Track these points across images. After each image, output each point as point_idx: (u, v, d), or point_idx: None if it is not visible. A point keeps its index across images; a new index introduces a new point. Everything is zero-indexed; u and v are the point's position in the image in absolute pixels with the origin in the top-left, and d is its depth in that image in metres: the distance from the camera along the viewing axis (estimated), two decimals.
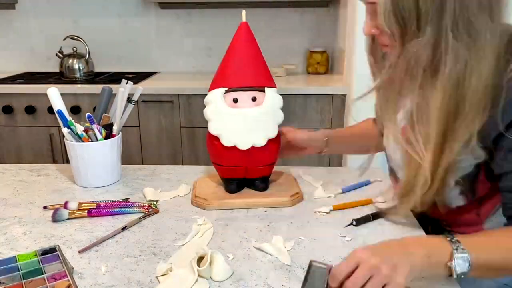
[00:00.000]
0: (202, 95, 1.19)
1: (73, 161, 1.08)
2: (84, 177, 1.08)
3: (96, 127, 1.05)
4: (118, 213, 0.94)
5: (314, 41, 2.58)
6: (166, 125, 2.27)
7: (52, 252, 0.77)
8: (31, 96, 2.24)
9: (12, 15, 2.65)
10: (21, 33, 2.68)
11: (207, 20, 2.61)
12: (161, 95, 2.22)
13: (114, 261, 0.77)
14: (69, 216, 0.92)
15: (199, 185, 1.05)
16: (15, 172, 1.18)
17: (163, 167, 1.21)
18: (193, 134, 2.27)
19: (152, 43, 2.66)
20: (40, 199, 1.01)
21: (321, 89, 2.17)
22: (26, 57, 2.71)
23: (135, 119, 2.25)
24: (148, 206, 0.95)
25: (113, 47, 2.66)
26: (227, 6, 2.51)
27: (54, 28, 2.62)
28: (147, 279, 0.71)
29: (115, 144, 1.09)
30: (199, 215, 0.93)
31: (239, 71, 0.94)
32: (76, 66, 2.44)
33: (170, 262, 0.75)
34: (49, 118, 2.26)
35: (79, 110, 2.24)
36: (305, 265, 0.73)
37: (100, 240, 0.83)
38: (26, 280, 0.69)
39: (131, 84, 1.09)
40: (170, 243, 0.82)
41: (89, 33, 2.58)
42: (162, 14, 2.61)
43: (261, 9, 2.54)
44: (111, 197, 1.02)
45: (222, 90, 0.94)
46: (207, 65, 2.61)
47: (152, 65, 2.69)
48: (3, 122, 2.29)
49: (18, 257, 0.75)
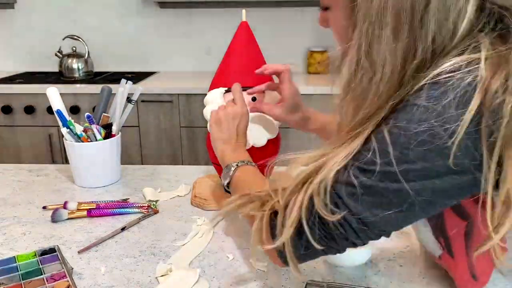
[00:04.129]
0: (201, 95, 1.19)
1: (72, 161, 1.07)
2: (84, 177, 1.08)
3: (95, 127, 1.05)
4: (117, 214, 0.93)
5: (314, 41, 2.58)
6: (165, 125, 2.27)
7: (52, 252, 0.77)
8: (30, 96, 2.23)
9: (11, 14, 2.65)
10: (20, 33, 2.68)
11: (207, 20, 2.61)
12: (160, 95, 2.22)
13: (113, 262, 0.76)
14: (69, 216, 0.92)
15: (198, 185, 1.04)
16: (14, 172, 1.18)
17: (162, 167, 1.21)
18: (193, 134, 2.27)
19: (152, 43, 2.66)
20: (40, 199, 1.01)
21: (321, 89, 2.17)
22: (25, 56, 2.70)
23: (135, 119, 2.25)
24: (148, 206, 0.95)
25: (113, 46, 2.66)
26: (227, 5, 2.51)
27: (53, 28, 2.62)
28: (147, 280, 0.71)
29: (115, 144, 1.08)
30: (198, 215, 0.92)
31: (239, 71, 0.94)
32: (75, 65, 2.44)
33: (169, 263, 0.75)
34: (48, 118, 2.25)
35: (78, 110, 2.23)
36: (305, 265, 0.73)
37: (100, 240, 0.83)
38: (26, 280, 0.69)
39: (131, 84, 1.09)
40: (169, 243, 0.82)
41: (89, 33, 2.58)
42: (162, 13, 2.61)
43: (261, 8, 2.54)
44: (111, 197, 1.02)
45: (222, 90, 0.94)
46: (207, 65, 2.61)
47: (151, 65, 2.69)
48: (2, 122, 2.28)
49: (17, 258, 0.75)
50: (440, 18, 0.50)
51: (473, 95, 0.46)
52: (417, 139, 0.48)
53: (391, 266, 0.75)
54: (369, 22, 0.52)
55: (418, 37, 0.51)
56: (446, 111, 0.47)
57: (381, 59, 0.52)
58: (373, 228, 0.54)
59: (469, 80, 0.47)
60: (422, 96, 0.49)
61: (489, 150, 0.47)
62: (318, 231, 0.56)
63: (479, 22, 0.51)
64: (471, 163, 0.48)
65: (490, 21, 0.51)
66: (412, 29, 0.51)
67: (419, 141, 0.48)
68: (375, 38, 0.52)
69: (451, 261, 0.63)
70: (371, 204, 0.53)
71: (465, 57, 0.49)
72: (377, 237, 0.56)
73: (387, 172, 0.50)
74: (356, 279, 0.71)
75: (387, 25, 0.51)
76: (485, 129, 0.46)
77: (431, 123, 0.48)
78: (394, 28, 0.51)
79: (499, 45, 0.49)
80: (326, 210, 0.54)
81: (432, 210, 0.53)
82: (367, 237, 0.55)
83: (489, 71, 0.47)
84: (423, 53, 0.51)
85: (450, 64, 0.49)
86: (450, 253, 0.62)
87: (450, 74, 0.48)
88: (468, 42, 0.51)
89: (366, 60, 0.53)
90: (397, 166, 0.50)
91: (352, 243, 0.56)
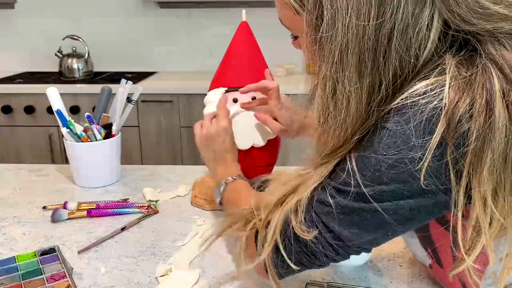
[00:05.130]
0: (202, 95, 1.19)
1: (72, 161, 1.07)
2: (84, 177, 1.08)
3: (95, 127, 1.05)
4: (117, 214, 0.93)
5: None
6: (165, 125, 2.27)
7: (52, 252, 0.77)
8: (30, 96, 2.23)
9: (11, 14, 2.65)
10: (20, 33, 2.68)
11: (207, 20, 2.61)
12: (160, 95, 2.22)
13: (113, 262, 0.76)
14: (69, 217, 0.92)
15: (198, 186, 1.04)
16: (14, 172, 1.18)
17: (162, 167, 1.21)
18: (193, 134, 2.27)
19: (151, 43, 2.66)
20: (39, 199, 1.01)
21: None
22: (25, 56, 2.70)
23: (135, 119, 2.25)
24: (148, 207, 0.95)
25: (113, 46, 2.66)
26: (227, 6, 2.50)
27: (53, 28, 2.62)
28: (147, 280, 0.71)
29: (115, 144, 1.08)
30: (198, 216, 0.92)
31: (239, 71, 0.94)
32: (75, 65, 2.44)
33: (169, 263, 0.75)
34: (48, 118, 2.25)
35: (78, 110, 2.23)
36: None
37: (100, 240, 0.83)
38: (25, 280, 0.69)
39: (131, 84, 1.09)
40: (169, 243, 0.82)
41: (89, 33, 2.58)
42: (162, 13, 2.61)
43: (261, 8, 2.53)
44: (111, 197, 1.02)
45: (222, 90, 0.94)
46: (207, 65, 2.61)
47: (151, 65, 2.69)
48: (2, 122, 2.28)
49: (17, 258, 0.75)
50: (402, 51, 0.48)
51: (437, 122, 0.46)
52: (387, 162, 0.48)
53: (391, 266, 0.75)
54: (332, 62, 0.51)
55: (381, 73, 0.49)
56: (412, 137, 0.47)
57: (345, 99, 0.51)
58: (351, 245, 0.55)
59: (435, 104, 0.46)
60: (390, 120, 0.49)
61: (456, 176, 0.47)
62: (299, 248, 0.57)
63: (442, 47, 0.50)
64: (440, 187, 0.48)
65: (454, 45, 0.50)
66: (375, 66, 0.49)
67: (389, 164, 0.48)
68: (339, 78, 0.51)
69: (441, 271, 0.62)
70: (348, 223, 0.53)
71: (431, 81, 0.48)
72: (357, 253, 0.57)
73: (362, 193, 0.51)
74: (356, 279, 0.71)
75: (350, 65, 0.50)
76: (450, 158, 0.46)
77: (399, 147, 0.47)
78: (357, 67, 0.50)
79: (464, 69, 0.48)
80: (302, 228, 0.55)
81: (411, 226, 0.53)
82: (347, 253, 0.56)
83: (453, 96, 0.46)
84: (387, 87, 0.50)
85: (417, 88, 0.48)
86: (439, 263, 0.62)
87: (416, 98, 0.47)
88: (432, 65, 0.49)
89: (331, 100, 0.52)
90: (371, 187, 0.50)
91: (333, 259, 0.57)
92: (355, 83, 0.50)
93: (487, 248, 0.47)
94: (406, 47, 0.49)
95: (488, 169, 0.45)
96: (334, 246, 0.55)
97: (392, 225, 0.52)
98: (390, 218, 0.51)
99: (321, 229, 0.55)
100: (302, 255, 0.57)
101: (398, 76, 0.50)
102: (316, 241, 0.55)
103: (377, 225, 0.52)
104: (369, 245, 0.56)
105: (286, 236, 0.57)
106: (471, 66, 0.48)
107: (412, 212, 0.50)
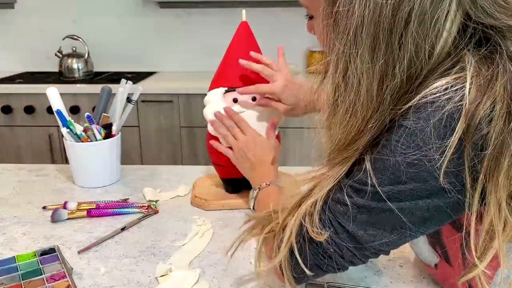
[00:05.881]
0: (201, 95, 1.19)
1: (72, 161, 1.07)
2: (84, 177, 1.08)
3: (95, 127, 1.05)
4: (117, 214, 0.93)
5: (314, 40, 2.57)
6: (165, 125, 2.27)
7: (51, 252, 0.77)
8: (30, 96, 2.23)
9: (11, 14, 2.65)
10: (20, 33, 2.68)
11: (207, 20, 2.61)
12: (160, 95, 2.22)
13: (113, 262, 0.76)
14: (68, 217, 0.92)
15: (198, 186, 1.04)
16: (14, 172, 1.18)
17: (162, 167, 1.21)
18: (193, 134, 2.27)
19: (151, 43, 2.66)
20: (39, 199, 1.01)
21: None
22: (25, 56, 2.70)
23: (135, 119, 2.25)
24: (148, 207, 0.95)
25: (113, 46, 2.66)
26: (227, 5, 2.50)
27: (53, 28, 2.61)
28: (147, 280, 0.71)
29: (115, 144, 1.08)
30: (198, 216, 0.92)
31: (239, 71, 0.94)
32: (75, 65, 2.44)
33: (169, 263, 0.75)
34: (48, 118, 2.25)
35: (78, 110, 2.23)
36: None
37: (100, 240, 0.83)
38: (25, 280, 0.69)
39: (131, 84, 1.09)
40: (169, 243, 0.82)
41: (89, 33, 2.58)
42: (162, 13, 2.61)
43: (261, 8, 2.54)
44: (111, 197, 1.02)
45: (222, 90, 0.94)
46: (207, 65, 2.61)
47: (151, 65, 2.69)
48: (2, 122, 2.28)
49: (17, 258, 0.75)
50: (419, 37, 0.47)
51: (458, 120, 0.45)
52: (406, 161, 0.48)
53: (391, 266, 0.75)
54: (346, 39, 0.50)
55: (395, 57, 0.48)
56: (432, 134, 0.46)
57: (356, 79, 0.50)
58: (368, 247, 0.54)
59: (455, 101, 0.45)
60: (409, 118, 0.48)
61: (472, 179, 0.46)
62: (314, 250, 0.56)
63: (462, 41, 0.49)
64: (458, 187, 0.47)
65: (474, 40, 0.49)
66: (390, 49, 0.48)
67: (408, 163, 0.48)
68: (351, 57, 0.50)
69: (449, 270, 0.62)
70: (364, 223, 0.53)
71: (451, 78, 0.47)
72: (375, 255, 0.56)
73: (380, 192, 0.50)
74: (356, 279, 0.71)
75: (364, 44, 0.49)
76: (467, 159, 0.45)
77: (418, 146, 0.47)
78: (371, 47, 0.49)
79: (485, 67, 0.47)
80: (316, 229, 0.54)
81: (428, 227, 0.52)
82: (365, 256, 0.56)
83: (474, 97, 0.45)
84: (401, 74, 0.49)
85: (437, 85, 0.47)
86: (448, 262, 0.61)
87: (437, 94, 0.46)
88: (452, 61, 0.49)
89: (342, 81, 0.52)
90: (389, 187, 0.50)
91: (350, 262, 0.56)
92: (367, 62, 0.49)
93: (500, 252, 0.47)
94: (423, 34, 0.47)
95: (505, 173, 0.45)
96: (350, 248, 0.54)
97: (408, 226, 0.51)
98: (407, 219, 0.50)
99: (336, 229, 0.54)
100: (317, 257, 0.57)
101: (412, 64, 0.49)
102: (332, 242, 0.54)
103: (393, 226, 0.52)
104: (386, 247, 0.55)
105: (301, 238, 0.56)
106: (491, 65, 0.47)
107: (429, 212, 0.50)
